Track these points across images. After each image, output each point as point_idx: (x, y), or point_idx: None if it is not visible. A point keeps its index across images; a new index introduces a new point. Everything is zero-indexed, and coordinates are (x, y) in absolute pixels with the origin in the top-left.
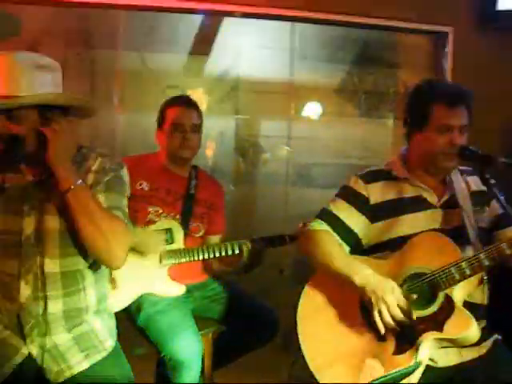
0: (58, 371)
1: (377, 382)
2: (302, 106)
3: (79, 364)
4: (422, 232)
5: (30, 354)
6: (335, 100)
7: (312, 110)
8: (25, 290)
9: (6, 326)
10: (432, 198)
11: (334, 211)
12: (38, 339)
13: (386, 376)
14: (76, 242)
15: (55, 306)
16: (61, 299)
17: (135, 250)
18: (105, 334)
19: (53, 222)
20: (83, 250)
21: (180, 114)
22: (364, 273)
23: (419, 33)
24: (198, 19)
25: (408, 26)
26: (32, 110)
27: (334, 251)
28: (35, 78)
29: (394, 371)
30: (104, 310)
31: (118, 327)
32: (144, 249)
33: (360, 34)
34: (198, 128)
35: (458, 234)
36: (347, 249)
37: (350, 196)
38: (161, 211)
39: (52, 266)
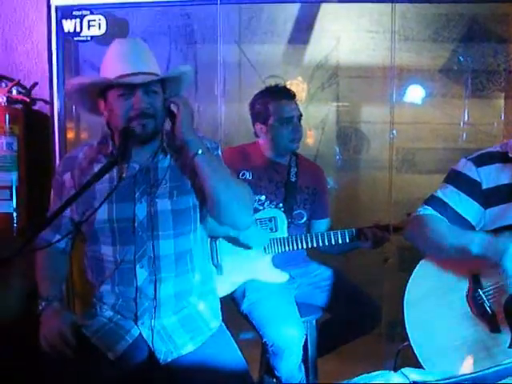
0: (166, 352)
1: (490, 370)
2: (404, 90)
3: (185, 345)
4: None
5: (140, 335)
6: (440, 81)
7: (415, 92)
8: (141, 274)
9: (117, 311)
10: None
11: (443, 198)
12: (148, 321)
13: (499, 365)
14: (188, 218)
15: (166, 288)
16: (172, 280)
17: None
18: (209, 315)
19: (164, 204)
20: (195, 227)
21: (288, 108)
22: (481, 237)
23: None
24: (295, 8)
25: None
26: (160, 85)
27: (446, 229)
28: (152, 58)
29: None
30: (208, 291)
31: (223, 312)
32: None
33: (465, 9)
34: (301, 118)
35: None
36: None
37: (459, 181)
38: (264, 200)
39: (166, 247)
